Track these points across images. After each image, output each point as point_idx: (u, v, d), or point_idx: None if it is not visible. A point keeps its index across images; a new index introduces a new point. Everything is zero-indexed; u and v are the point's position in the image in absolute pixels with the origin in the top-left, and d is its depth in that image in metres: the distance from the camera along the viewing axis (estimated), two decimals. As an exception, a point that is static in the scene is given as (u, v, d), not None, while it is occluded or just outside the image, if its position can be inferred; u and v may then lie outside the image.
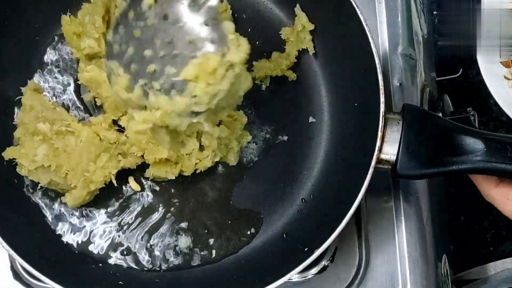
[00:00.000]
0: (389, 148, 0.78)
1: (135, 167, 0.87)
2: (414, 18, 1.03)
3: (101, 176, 0.84)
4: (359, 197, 0.78)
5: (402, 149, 0.78)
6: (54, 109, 0.86)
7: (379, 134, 0.78)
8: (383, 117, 0.78)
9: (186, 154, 0.86)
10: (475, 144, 0.77)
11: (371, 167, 0.78)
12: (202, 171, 0.88)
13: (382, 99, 0.79)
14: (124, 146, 0.86)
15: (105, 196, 0.88)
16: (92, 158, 0.84)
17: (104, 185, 0.85)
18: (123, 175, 0.88)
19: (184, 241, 0.88)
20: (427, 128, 0.79)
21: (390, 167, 0.79)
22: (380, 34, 0.98)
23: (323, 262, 0.90)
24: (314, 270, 0.90)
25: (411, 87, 0.98)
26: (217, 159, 0.88)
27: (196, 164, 0.87)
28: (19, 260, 0.77)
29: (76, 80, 0.91)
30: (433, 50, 1.15)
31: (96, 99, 0.90)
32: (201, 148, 0.87)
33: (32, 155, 0.83)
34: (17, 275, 0.90)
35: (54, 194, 0.87)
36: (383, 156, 0.78)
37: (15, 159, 0.83)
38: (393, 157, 0.78)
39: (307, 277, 0.90)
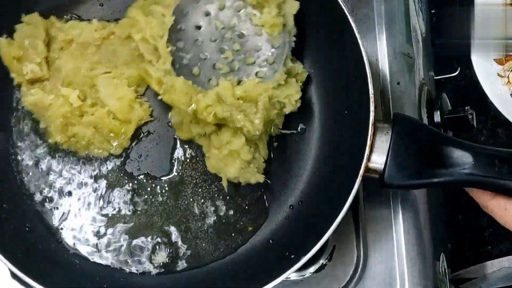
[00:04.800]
0: (378, 157, 0.78)
1: None
2: (413, 16, 1.03)
3: None
4: (346, 205, 0.78)
5: (390, 159, 0.78)
6: None
7: (368, 143, 0.78)
8: (372, 126, 0.78)
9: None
10: (463, 157, 0.76)
11: (359, 176, 0.78)
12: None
13: (371, 108, 0.78)
14: None
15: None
16: None
17: None
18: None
19: (169, 246, 0.88)
20: (416, 138, 0.79)
21: (378, 176, 0.79)
22: (379, 33, 0.98)
23: (321, 261, 0.90)
24: (312, 269, 0.90)
25: (409, 86, 0.98)
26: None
27: None
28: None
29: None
30: (431, 48, 1.15)
31: (41, 123, 0.89)
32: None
33: None
34: (15, 274, 0.89)
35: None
36: (371, 165, 0.78)
37: None
38: (381, 167, 0.78)
39: (305, 276, 0.90)
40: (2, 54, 0.88)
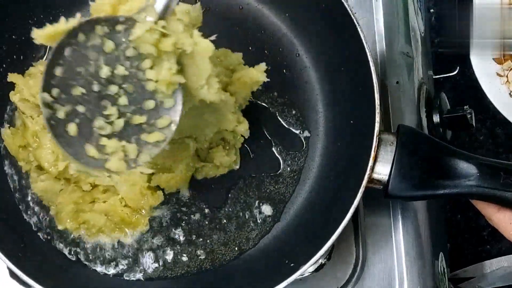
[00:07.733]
0: (382, 168, 0.78)
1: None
2: (411, 15, 1.03)
3: None
4: (348, 215, 0.78)
5: (395, 170, 0.78)
6: None
7: (372, 153, 0.78)
8: (377, 137, 0.78)
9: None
10: (468, 168, 0.76)
11: (362, 186, 0.78)
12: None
13: (377, 119, 0.78)
14: None
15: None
16: None
17: None
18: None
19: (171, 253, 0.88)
20: (420, 150, 0.79)
21: (381, 187, 0.79)
22: (377, 32, 0.98)
23: (320, 260, 0.89)
24: (311, 269, 0.89)
25: (408, 85, 0.98)
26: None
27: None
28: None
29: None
30: (430, 48, 1.15)
31: (51, 210, 0.86)
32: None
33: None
34: (14, 274, 0.89)
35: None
36: (375, 175, 0.78)
37: None
38: (385, 177, 0.78)
39: (304, 275, 0.89)
40: (8, 145, 0.85)
